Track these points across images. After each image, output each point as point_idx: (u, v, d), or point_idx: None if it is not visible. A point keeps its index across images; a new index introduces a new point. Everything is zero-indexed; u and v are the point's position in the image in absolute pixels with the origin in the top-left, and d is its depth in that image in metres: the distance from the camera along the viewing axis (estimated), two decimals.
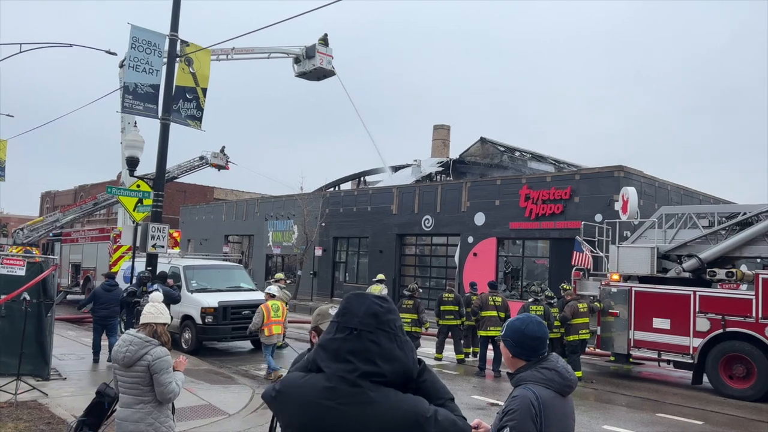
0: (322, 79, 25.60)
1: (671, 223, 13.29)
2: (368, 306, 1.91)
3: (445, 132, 53.19)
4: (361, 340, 1.86)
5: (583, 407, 9.71)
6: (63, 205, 63.24)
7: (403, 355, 1.90)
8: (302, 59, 24.72)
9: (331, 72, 25.03)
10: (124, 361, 4.22)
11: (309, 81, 26.00)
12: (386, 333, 1.89)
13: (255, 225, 41.04)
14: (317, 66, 24.38)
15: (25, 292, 8.69)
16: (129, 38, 13.10)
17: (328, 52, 24.70)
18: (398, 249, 31.86)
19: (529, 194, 25.80)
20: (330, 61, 25.01)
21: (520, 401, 2.62)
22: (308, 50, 24.50)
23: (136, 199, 14.28)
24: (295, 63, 24.80)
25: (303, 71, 24.81)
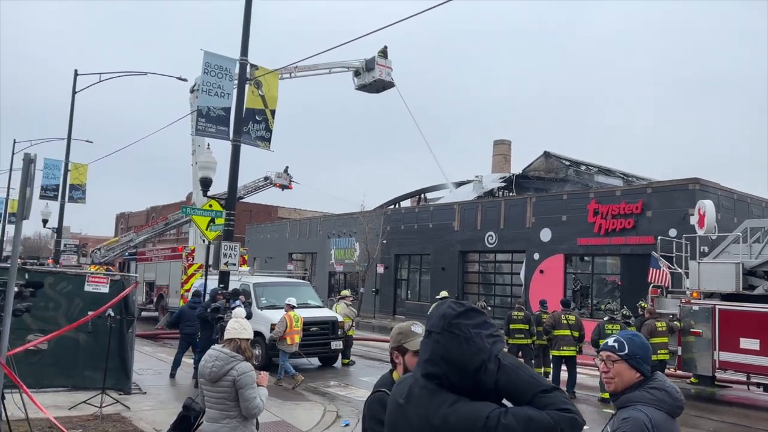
0: (381, 91, 25.77)
1: (757, 237, 12.55)
2: (442, 309, 1.96)
3: (506, 147, 52.55)
4: (430, 341, 1.92)
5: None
6: (136, 225, 66.18)
7: (462, 355, 1.84)
8: (362, 72, 24.99)
9: (390, 83, 25.17)
10: (210, 376, 4.29)
11: (369, 93, 26.20)
12: (453, 335, 1.87)
13: (318, 243, 41.63)
14: (377, 78, 24.56)
15: (109, 309, 9.06)
16: (202, 64, 13.63)
17: (387, 63, 24.87)
18: (461, 266, 31.54)
19: (597, 209, 25.04)
20: (389, 73, 25.16)
21: (633, 424, 2.48)
22: (368, 63, 24.74)
23: (208, 219, 14.71)
24: (354, 76, 25.09)
25: (363, 84, 25.05)
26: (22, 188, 6.01)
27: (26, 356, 8.45)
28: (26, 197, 6.01)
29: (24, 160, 6.01)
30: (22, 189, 6.01)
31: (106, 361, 8.95)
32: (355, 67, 24.98)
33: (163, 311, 23.16)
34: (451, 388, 1.85)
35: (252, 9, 13.87)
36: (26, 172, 6.00)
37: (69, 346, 9.80)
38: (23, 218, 6.01)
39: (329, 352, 14.69)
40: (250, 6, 13.84)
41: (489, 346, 1.89)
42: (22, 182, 6.02)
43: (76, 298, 9.97)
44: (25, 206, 5.96)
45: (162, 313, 23.19)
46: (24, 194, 6.00)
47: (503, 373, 1.87)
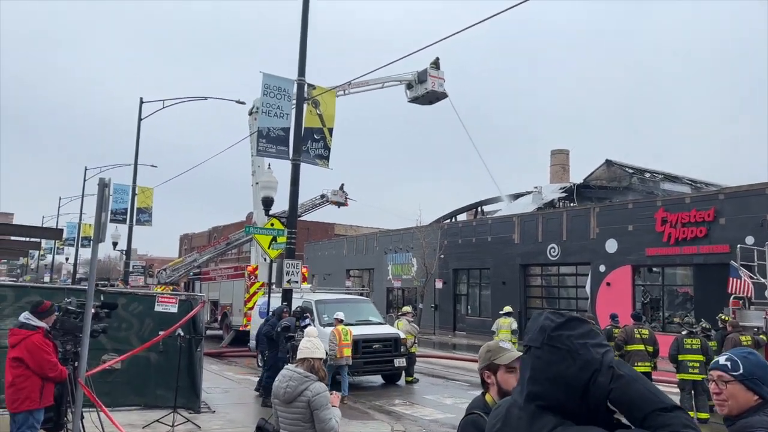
0: (434, 102, 25.67)
1: None
2: (540, 321, 1.77)
3: (564, 157, 51.39)
4: (530, 358, 1.73)
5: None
6: (199, 246, 68.18)
7: (567, 371, 1.64)
8: (414, 84, 24.97)
9: (443, 94, 25.03)
10: (284, 397, 4.22)
11: (422, 105, 26.15)
12: (555, 348, 1.67)
13: (375, 259, 41.67)
14: (429, 89, 24.49)
15: (179, 329, 9.21)
16: (261, 85, 13.89)
17: (439, 75, 24.77)
18: (522, 280, 30.83)
19: (666, 217, 24.02)
20: (442, 84, 25.05)
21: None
22: (420, 75, 24.71)
23: (270, 238, 14.90)
24: (407, 89, 25.09)
25: (416, 96, 25.02)
26: (98, 212, 6.18)
27: (102, 376, 8.66)
28: (101, 221, 6.17)
29: (99, 185, 6.18)
30: (98, 213, 6.18)
31: (177, 381, 9.08)
32: (407, 80, 25.01)
33: (227, 330, 23.59)
34: (555, 409, 1.66)
35: (308, 30, 14.09)
36: (101, 196, 6.16)
37: (141, 365, 10.01)
38: (99, 241, 6.17)
39: (392, 370, 14.51)
40: (306, 27, 14.05)
41: (599, 356, 1.69)
42: (97, 206, 6.19)
43: (147, 318, 10.20)
44: (101, 230, 6.12)
45: (226, 331, 23.61)
46: (99, 218, 6.16)
47: (618, 383, 1.65)
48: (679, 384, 11.18)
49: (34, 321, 6.41)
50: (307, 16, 14.10)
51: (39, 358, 6.16)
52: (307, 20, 14.09)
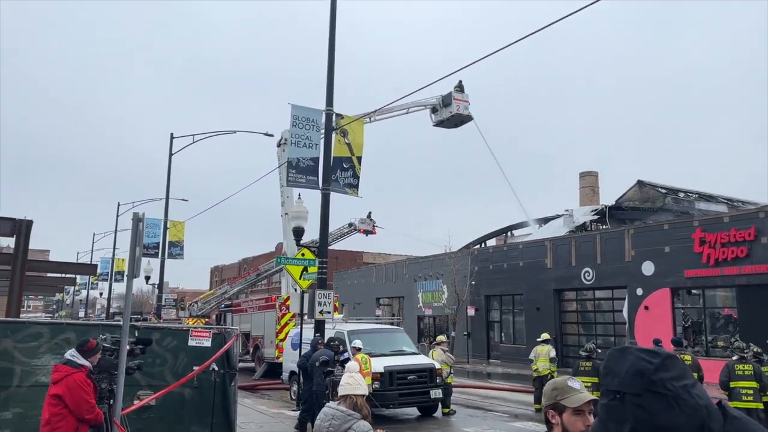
0: (459, 125, 25.54)
1: None
2: (632, 362, 1.56)
3: (593, 179, 50.82)
4: (629, 407, 1.51)
5: None
6: (230, 277, 68.65)
7: (675, 420, 1.45)
8: (439, 108, 24.92)
9: (468, 117, 24.90)
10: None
11: (447, 129, 26.05)
12: (659, 395, 1.49)
13: (404, 287, 41.32)
14: (454, 112, 24.39)
15: (213, 363, 9.09)
16: (290, 117, 13.98)
17: (464, 98, 24.69)
18: (557, 305, 30.15)
19: (704, 237, 23.32)
20: (467, 107, 24.93)
21: None
22: (444, 98, 24.66)
23: (301, 268, 14.83)
24: (432, 113, 25.04)
25: (440, 119, 24.93)
26: (132, 246, 6.14)
27: (136, 413, 8.57)
28: (135, 256, 6.13)
29: (133, 220, 6.16)
30: (132, 247, 6.14)
31: (212, 416, 8.92)
32: (432, 104, 25.01)
33: (259, 362, 23.44)
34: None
35: (335, 61, 14.21)
36: (135, 230, 6.13)
37: (175, 401, 9.87)
38: (134, 276, 6.13)
39: (428, 402, 14.14)
40: (333, 57, 14.16)
41: (704, 401, 1.50)
42: (131, 241, 6.16)
43: (181, 353, 10.10)
44: (135, 264, 6.07)
45: (258, 363, 23.47)
46: (134, 253, 6.12)
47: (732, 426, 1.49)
48: None
49: (79, 359, 6.36)
50: (334, 48, 14.24)
51: (78, 397, 6.09)
52: (334, 51, 14.22)
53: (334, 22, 14.29)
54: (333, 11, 14.31)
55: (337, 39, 14.25)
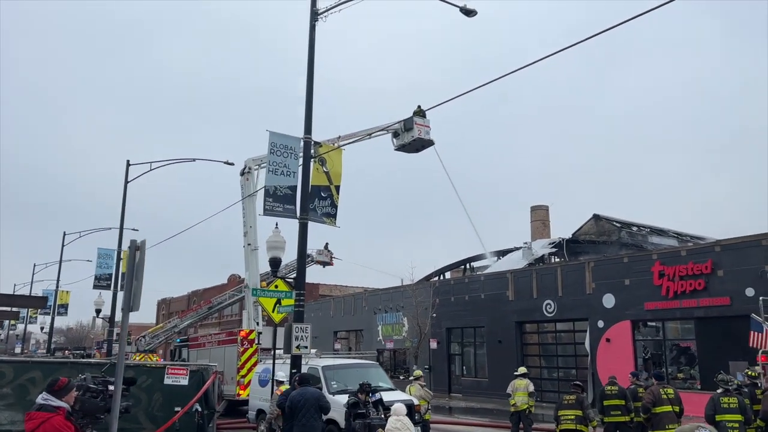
0: (420, 149, 25.58)
1: None
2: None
3: (544, 212, 51.84)
4: None
5: None
6: (178, 311, 66.23)
7: None
8: (400, 133, 25.00)
9: (429, 141, 25.03)
10: None
11: (408, 153, 26.09)
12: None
13: (364, 319, 40.72)
14: (416, 137, 24.44)
15: (196, 403, 8.47)
16: (268, 144, 13.60)
17: (425, 122, 24.91)
18: (519, 337, 30.24)
19: (663, 270, 23.92)
20: (428, 132, 25.08)
21: None
22: (406, 123, 24.72)
23: (274, 300, 14.28)
24: (393, 137, 25.06)
25: (402, 144, 24.92)
26: (128, 278, 5.62)
27: None
28: (132, 288, 5.61)
29: (130, 248, 5.66)
30: (128, 279, 5.62)
31: None
32: (394, 129, 25.04)
33: (219, 399, 22.35)
34: None
35: (314, 89, 13.96)
36: (133, 260, 5.62)
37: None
38: (131, 309, 5.59)
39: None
40: (311, 85, 13.91)
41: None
42: (128, 271, 5.64)
43: (155, 393, 9.43)
44: (132, 297, 5.54)
45: (218, 400, 22.37)
46: (131, 285, 5.60)
47: None
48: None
49: (53, 401, 5.70)
50: (313, 73, 14.00)
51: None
52: (313, 77, 13.98)
53: (312, 48, 14.09)
54: (312, 38, 14.12)
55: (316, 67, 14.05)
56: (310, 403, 9.65)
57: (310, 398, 10.06)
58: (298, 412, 9.85)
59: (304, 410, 9.59)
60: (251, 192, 24.32)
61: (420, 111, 25.72)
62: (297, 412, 9.91)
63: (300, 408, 9.77)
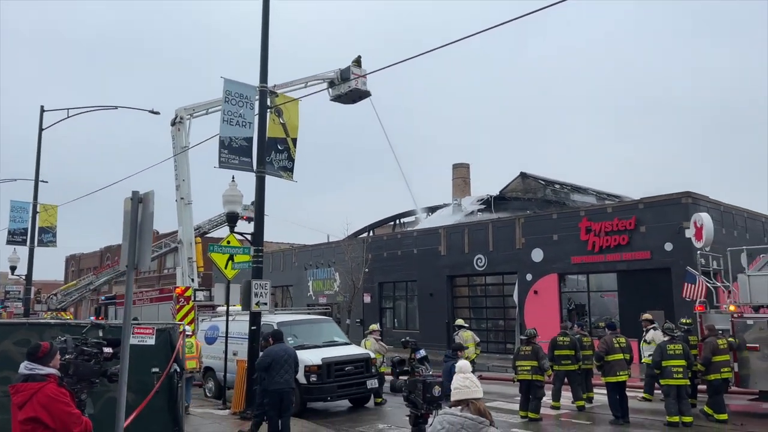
0: (357, 100, 25.24)
1: None
2: None
3: (465, 170, 52.96)
4: None
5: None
6: (90, 267, 62.91)
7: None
8: (337, 82, 24.47)
9: (366, 93, 24.71)
10: None
11: (344, 104, 25.65)
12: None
13: (293, 275, 40.40)
14: (353, 87, 24.06)
15: (175, 363, 8.07)
16: (222, 92, 12.84)
17: (362, 73, 24.48)
18: (449, 291, 31.09)
19: (590, 227, 25.16)
20: (365, 83, 24.69)
21: None
22: (343, 72, 24.22)
23: (227, 257, 13.77)
24: (329, 87, 24.52)
25: (338, 94, 24.47)
26: (132, 233, 5.14)
27: None
28: (136, 246, 5.14)
29: (132, 200, 5.16)
30: (132, 234, 5.14)
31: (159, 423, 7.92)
32: (330, 78, 24.42)
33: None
34: None
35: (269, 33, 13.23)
36: (135, 213, 5.14)
37: (114, 407, 8.65)
38: (135, 267, 5.13)
39: (365, 392, 13.82)
40: (267, 30, 13.19)
41: None
42: (132, 227, 5.15)
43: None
44: (138, 253, 5.08)
45: None
46: (134, 241, 5.12)
47: None
48: (663, 390, 11.47)
49: (40, 369, 5.19)
50: (268, 18, 13.25)
51: (59, 412, 4.97)
52: (268, 22, 13.23)
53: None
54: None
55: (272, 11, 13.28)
56: (292, 358, 9.60)
57: (292, 354, 9.97)
58: (280, 367, 9.70)
59: (286, 366, 9.52)
60: (184, 143, 23.13)
61: (357, 61, 25.17)
62: (279, 368, 9.74)
63: (283, 363, 9.65)
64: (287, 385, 9.43)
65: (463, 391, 3.79)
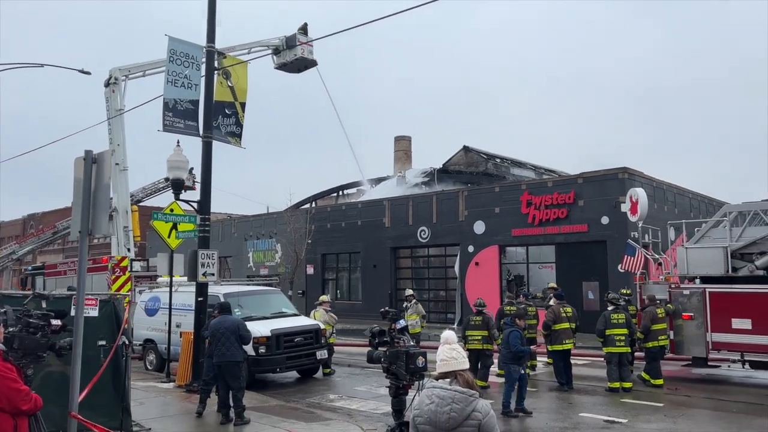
0: (303, 69, 24.52)
1: (732, 221, 13.21)
2: None
3: (407, 143, 53.12)
4: None
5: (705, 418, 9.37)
6: (11, 236, 59.43)
7: None
8: (282, 50, 23.69)
9: (312, 62, 24.04)
10: (448, 423, 3.45)
11: (289, 73, 24.91)
12: None
13: (232, 246, 39.50)
14: (299, 56, 23.32)
15: (123, 336, 7.65)
16: (167, 51, 12.12)
17: (308, 41, 23.77)
18: (393, 262, 31.25)
19: (531, 200, 25.72)
20: (311, 51, 24.02)
21: None
22: (288, 40, 23.41)
23: (170, 225, 13.20)
24: (274, 54, 23.73)
25: (283, 62, 23.67)
26: (85, 197, 4.73)
27: None
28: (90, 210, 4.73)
29: (86, 161, 4.74)
30: (85, 198, 4.73)
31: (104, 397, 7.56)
32: (275, 45, 23.60)
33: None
34: None
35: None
36: (89, 174, 4.73)
37: (57, 381, 8.15)
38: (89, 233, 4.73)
39: (315, 363, 13.71)
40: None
41: None
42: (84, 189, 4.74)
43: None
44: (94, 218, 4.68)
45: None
46: (88, 206, 4.72)
47: None
48: (606, 357, 11.91)
49: None
50: None
51: (5, 388, 4.58)
52: None
53: None
54: None
55: None
56: (230, 331, 9.36)
57: (230, 326, 9.66)
58: (217, 340, 9.47)
59: (223, 339, 9.29)
60: (119, 106, 21.88)
61: (304, 29, 24.41)
62: (216, 341, 9.53)
63: (220, 336, 9.41)
64: (223, 359, 9.26)
65: (451, 363, 3.69)
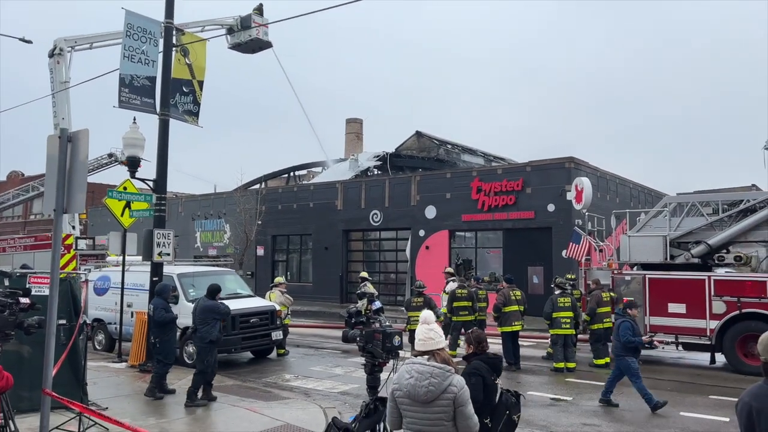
0: (257, 51, 24.17)
1: (671, 211, 14.01)
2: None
3: (358, 126, 53.13)
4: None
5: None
6: None
7: None
8: (236, 30, 23.28)
9: (267, 43, 23.74)
10: (426, 396, 3.70)
11: (243, 53, 24.53)
12: None
13: (179, 225, 38.63)
14: (254, 37, 23.00)
15: (84, 315, 7.55)
16: (123, 24, 11.79)
17: (263, 22, 23.43)
18: (345, 245, 31.41)
19: (481, 186, 26.31)
20: (267, 32, 23.72)
21: None
22: (243, 20, 23.00)
23: (123, 204, 12.94)
24: (228, 34, 23.29)
25: (237, 42, 23.26)
26: (60, 174, 4.70)
27: None
28: (66, 187, 4.71)
29: (61, 140, 4.70)
30: (60, 175, 4.70)
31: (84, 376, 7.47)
32: (228, 24, 23.17)
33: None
34: None
35: None
36: (64, 151, 4.70)
37: (11, 361, 7.95)
38: (64, 212, 4.70)
39: (270, 344, 13.80)
40: None
41: None
42: (60, 166, 4.70)
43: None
44: (70, 196, 4.66)
45: None
46: (63, 182, 4.69)
47: None
48: (552, 338, 12.52)
49: None
50: None
51: None
52: None
53: None
54: None
55: None
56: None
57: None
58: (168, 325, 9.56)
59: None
60: (64, 78, 21.06)
61: (259, 9, 24.00)
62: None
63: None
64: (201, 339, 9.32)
65: (428, 343, 3.93)
